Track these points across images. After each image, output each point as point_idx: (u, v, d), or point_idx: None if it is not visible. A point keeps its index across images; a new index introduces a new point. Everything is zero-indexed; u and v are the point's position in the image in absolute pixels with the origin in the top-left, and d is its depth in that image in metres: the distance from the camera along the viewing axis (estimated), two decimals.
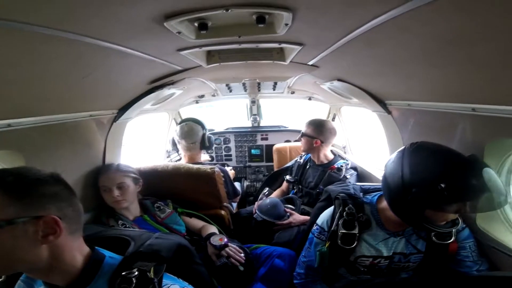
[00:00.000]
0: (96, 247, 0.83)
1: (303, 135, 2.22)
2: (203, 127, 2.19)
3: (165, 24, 0.74)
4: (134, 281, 0.75)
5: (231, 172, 2.49)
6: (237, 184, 2.44)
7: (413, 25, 0.74)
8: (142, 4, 0.65)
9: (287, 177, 2.44)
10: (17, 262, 0.68)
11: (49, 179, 0.72)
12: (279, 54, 1.33)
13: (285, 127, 3.60)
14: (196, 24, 0.79)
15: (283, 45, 1.09)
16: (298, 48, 1.10)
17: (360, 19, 0.75)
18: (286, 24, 0.80)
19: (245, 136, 3.56)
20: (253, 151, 3.58)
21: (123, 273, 0.76)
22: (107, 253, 0.84)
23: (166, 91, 1.81)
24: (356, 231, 1.19)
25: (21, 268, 0.72)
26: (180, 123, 2.23)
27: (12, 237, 0.65)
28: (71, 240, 0.74)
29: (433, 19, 0.67)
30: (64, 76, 1.03)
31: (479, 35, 0.68)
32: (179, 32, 0.81)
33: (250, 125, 3.65)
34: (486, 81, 0.90)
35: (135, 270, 0.77)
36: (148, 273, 0.77)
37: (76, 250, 0.76)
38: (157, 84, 1.60)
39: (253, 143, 3.57)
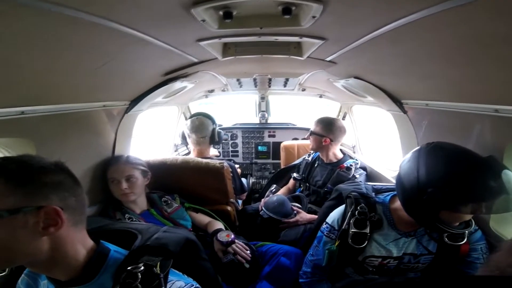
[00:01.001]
0: (101, 241, 0.81)
1: (312, 133, 2.20)
2: (213, 121, 2.19)
3: (192, 10, 0.72)
4: (140, 276, 0.72)
5: (238, 170, 2.48)
6: (243, 181, 2.43)
7: (440, 26, 0.73)
8: None
9: (295, 174, 2.43)
10: (17, 255, 0.65)
11: (52, 168, 0.69)
12: (297, 49, 1.31)
13: (293, 125, 3.58)
14: (221, 13, 0.78)
15: (303, 39, 1.07)
16: (319, 43, 1.07)
17: (389, 16, 0.74)
18: (314, 17, 0.78)
19: (253, 132, 3.54)
20: (260, 148, 3.57)
21: (128, 268, 0.74)
22: (112, 247, 0.82)
23: (178, 84, 1.80)
24: (367, 230, 1.18)
25: (21, 261, 0.68)
26: (190, 117, 2.23)
27: (12, 228, 0.62)
28: (74, 232, 0.72)
29: (462, 20, 0.66)
30: (82, 64, 1.02)
31: (502, 35, 0.67)
32: (203, 20, 0.79)
33: (258, 122, 3.63)
34: (510, 81, 0.87)
35: (141, 264, 0.75)
36: (154, 268, 0.75)
37: (79, 242, 0.74)
38: (171, 76, 1.58)
39: (260, 139, 3.56)
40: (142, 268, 0.74)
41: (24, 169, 0.66)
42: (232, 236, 1.55)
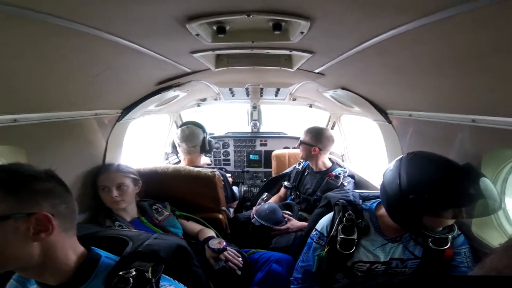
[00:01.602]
0: (92, 247, 0.82)
1: (302, 143, 2.24)
2: (203, 130, 2.20)
3: (186, 25, 0.76)
4: (132, 281, 0.74)
5: (229, 179, 2.49)
6: (234, 189, 2.43)
7: (426, 38, 0.77)
8: (167, 4, 0.66)
9: (285, 183, 2.46)
10: (8, 260, 0.66)
11: (42, 176, 0.71)
12: (287, 61, 1.36)
13: (285, 134, 3.62)
14: (214, 28, 0.81)
15: (293, 53, 1.12)
16: (307, 56, 1.12)
17: (374, 30, 0.78)
18: (302, 32, 0.83)
19: (244, 141, 3.56)
20: (251, 156, 3.58)
21: (120, 273, 0.75)
22: (103, 253, 0.83)
23: (171, 93, 1.82)
24: (355, 236, 1.21)
25: (12, 266, 0.69)
26: (180, 126, 2.23)
27: (3, 234, 0.64)
28: (64, 238, 0.73)
29: (447, 33, 0.70)
30: (76, 73, 1.03)
31: (486, 47, 0.71)
32: (197, 34, 0.83)
33: (250, 130, 3.65)
34: (486, 91, 0.93)
35: (132, 269, 0.76)
36: (146, 273, 0.76)
37: (70, 248, 0.75)
38: (164, 85, 1.60)
39: (252, 148, 3.57)
40: (134, 273, 0.75)
41: (15, 177, 0.67)
42: (224, 243, 1.55)
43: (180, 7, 0.68)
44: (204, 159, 2.75)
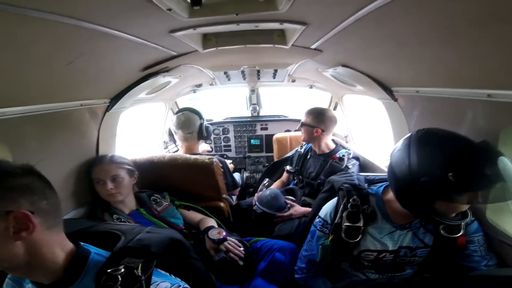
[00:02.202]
0: (82, 243, 0.80)
1: (303, 124, 2.18)
2: (200, 116, 2.13)
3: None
4: (120, 279, 0.72)
5: (230, 166, 2.44)
6: (236, 176, 2.39)
7: (427, 3, 0.68)
8: None
9: (288, 167, 2.41)
10: None
11: (19, 171, 0.67)
12: (280, 37, 1.25)
13: (285, 117, 3.55)
14: (188, 0, 0.71)
15: (284, 25, 1.01)
16: (301, 28, 1.02)
17: None
18: None
19: (245, 126, 3.51)
20: (252, 141, 3.54)
21: (108, 270, 0.73)
22: (93, 249, 0.81)
23: (161, 79, 1.74)
24: (361, 223, 1.15)
25: None
26: (176, 113, 2.17)
27: None
28: (49, 236, 0.70)
29: None
30: (48, 62, 0.96)
31: (497, 13, 0.62)
32: (169, 9, 0.73)
33: (250, 115, 3.59)
34: (503, 64, 0.83)
35: (121, 267, 0.74)
36: (135, 270, 0.74)
37: (57, 246, 0.73)
38: (151, 71, 1.53)
39: (252, 133, 3.52)
40: (123, 270, 0.73)
41: None
42: (224, 233, 1.52)
43: None
44: (204, 146, 2.70)
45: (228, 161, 2.51)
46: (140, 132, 3.33)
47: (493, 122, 1.05)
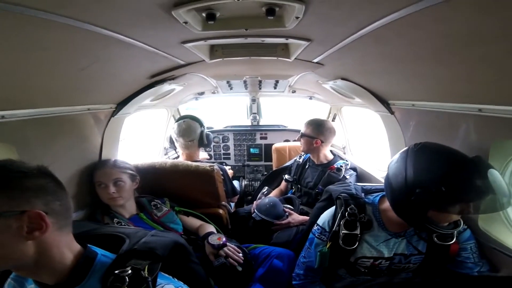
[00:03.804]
0: (89, 245, 0.81)
1: (303, 135, 2.21)
2: (201, 124, 2.15)
3: (172, 12, 0.71)
4: (127, 280, 0.72)
5: (229, 172, 2.46)
6: (235, 183, 2.40)
7: (425, 23, 0.73)
8: None
9: (286, 176, 2.43)
10: (3, 259, 0.65)
11: (34, 172, 0.69)
12: (284, 51, 1.30)
13: (285, 127, 3.59)
14: (204, 15, 0.76)
15: (290, 41, 1.06)
16: (305, 44, 1.07)
17: (373, 15, 0.73)
18: (297, 18, 0.77)
19: (244, 134, 3.53)
20: (252, 150, 3.56)
21: (116, 272, 0.74)
22: (100, 251, 0.82)
23: (166, 87, 1.78)
24: (357, 231, 1.18)
25: (6, 265, 0.69)
26: (177, 121, 2.19)
27: None
28: (59, 236, 0.71)
29: (446, 18, 0.66)
30: (62, 66, 0.99)
31: (490, 34, 0.67)
32: (185, 22, 0.78)
33: (250, 124, 3.62)
34: (493, 80, 0.88)
35: (128, 268, 0.75)
36: (142, 272, 0.75)
37: (65, 246, 0.74)
38: (158, 78, 1.56)
39: (252, 142, 3.55)
40: (130, 271, 0.74)
41: (5, 174, 0.65)
42: (224, 239, 1.53)
43: None
44: (203, 154, 2.72)
45: (227, 167, 2.53)
46: (141, 138, 3.35)
47: (484, 135, 1.10)
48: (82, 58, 1.00)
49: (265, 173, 3.44)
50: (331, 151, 2.32)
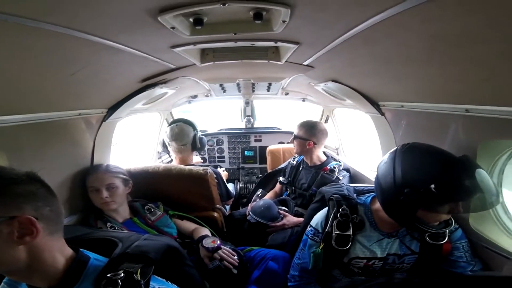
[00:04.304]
0: (81, 249, 0.81)
1: (296, 137, 2.22)
2: (194, 128, 2.15)
3: (159, 18, 0.71)
4: (120, 283, 0.73)
5: (224, 173, 2.46)
6: (230, 186, 2.40)
7: (412, 23, 0.74)
8: None
9: (280, 178, 2.43)
10: None
11: (24, 178, 0.69)
12: (275, 54, 1.31)
13: (279, 129, 3.59)
14: (191, 20, 0.77)
15: (279, 44, 1.08)
16: (294, 47, 1.08)
17: (359, 16, 0.74)
18: (284, 21, 0.78)
19: (239, 137, 3.54)
20: (246, 153, 3.56)
21: (108, 275, 0.75)
22: (92, 255, 0.82)
23: (158, 90, 1.77)
24: (350, 232, 1.19)
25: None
26: (170, 125, 2.18)
27: None
28: (51, 241, 0.72)
29: (433, 18, 0.67)
30: (51, 72, 0.99)
31: (477, 34, 0.68)
32: (173, 28, 0.79)
33: (244, 126, 3.62)
34: (479, 81, 0.90)
35: (121, 271, 0.76)
36: (134, 275, 0.76)
37: (57, 251, 0.74)
38: (149, 82, 1.56)
39: (246, 144, 3.56)
40: (122, 275, 0.75)
41: None
42: (218, 242, 1.53)
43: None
44: (196, 159, 2.71)
45: (222, 169, 2.52)
46: (134, 142, 3.33)
47: (471, 135, 1.11)
48: (72, 64, 1.00)
49: (260, 175, 3.44)
50: (324, 152, 2.32)
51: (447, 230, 1.09)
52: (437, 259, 1.16)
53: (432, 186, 0.93)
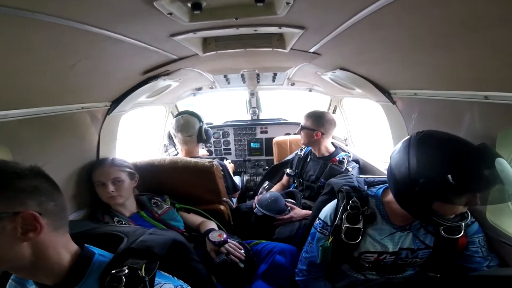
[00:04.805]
0: (86, 245, 0.81)
1: (303, 128, 2.18)
2: (199, 119, 2.14)
3: (154, 3, 0.68)
4: (124, 280, 0.72)
5: (230, 166, 2.45)
6: (236, 179, 2.39)
7: (422, 5, 0.69)
8: None
9: (288, 170, 2.41)
10: None
11: (27, 173, 0.68)
12: (279, 41, 1.26)
13: (285, 120, 3.56)
14: (189, 4, 0.73)
15: (283, 29, 1.02)
16: (299, 32, 1.03)
17: None
18: (288, 3, 0.73)
19: (244, 129, 3.52)
20: (252, 145, 3.55)
21: (112, 271, 0.74)
22: (98, 251, 0.81)
23: (161, 83, 1.75)
24: (360, 225, 1.15)
25: (2, 267, 0.69)
26: (175, 116, 2.18)
27: None
28: (55, 237, 0.71)
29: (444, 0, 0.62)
30: (51, 65, 0.97)
31: (494, 17, 0.63)
32: (170, 13, 0.75)
33: (249, 118, 3.60)
34: (500, 67, 0.84)
35: (125, 268, 0.74)
36: (139, 271, 0.75)
37: (62, 247, 0.73)
38: (152, 74, 1.54)
39: (252, 136, 3.53)
40: (127, 271, 0.74)
41: None
42: (225, 235, 1.52)
43: None
44: (202, 151, 2.70)
45: (228, 161, 2.51)
46: (140, 135, 3.34)
47: (490, 123, 1.05)
48: (71, 56, 0.97)
49: (267, 167, 3.42)
50: (332, 143, 2.28)
51: (463, 224, 1.04)
52: (452, 253, 1.12)
53: (449, 176, 0.87)
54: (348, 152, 2.19)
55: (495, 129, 1.04)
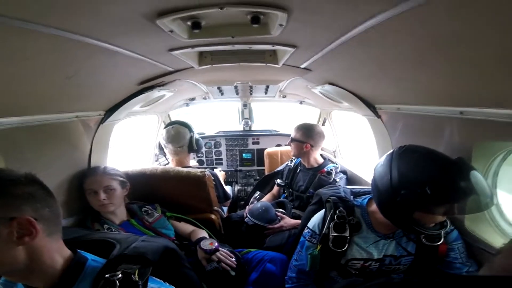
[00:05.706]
0: (79, 250, 0.82)
1: (293, 140, 2.22)
2: (190, 129, 2.14)
3: (157, 22, 0.72)
4: (118, 284, 0.73)
5: (221, 174, 2.46)
6: (228, 188, 2.40)
7: (406, 26, 0.74)
8: (134, 0, 0.63)
9: (278, 181, 2.44)
10: None
11: (23, 180, 0.70)
12: (272, 57, 1.33)
13: (276, 131, 3.60)
14: (189, 23, 0.78)
15: (276, 47, 1.09)
16: (291, 50, 1.09)
17: (354, 20, 0.75)
18: (281, 25, 0.80)
19: (237, 140, 3.54)
20: (244, 155, 3.57)
21: (106, 276, 0.75)
22: (90, 256, 0.83)
23: (156, 93, 1.78)
24: (347, 234, 1.19)
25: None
26: (166, 127, 2.17)
27: None
28: (50, 242, 0.73)
29: (426, 20, 0.68)
30: (48, 75, 0.99)
31: (469, 37, 0.69)
32: (171, 31, 0.79)
33: (242, 129, 3.63)
34: (474, 84, 0.91)
35: (119, 272, 0.76)
36: (132, 276, 0.76)
37: (56, 252, 0.75)
38: (147, 85, 1.56)
39: (244, 147, 3.56)
40: (120, 275, 0.75)
41: None
42: (216, 244, 1.53)
43: (147, 3, 0.65)
44: (193, 162, 2.71)
45: (219, 169, 2.52)
46: (132, 144, 3.32)
47: (466, 137, 1.13)
48: (68, 67, 1.00)
49: (258, 178, 3.44)
50: (321, 155, 2.33)
51: (443, 232, 1.10)
52: (433, 260, 1.17)
53: (428, 188, 0.94)
54: (336, 164, 2.25)
55: (470, 142, 1.11)
